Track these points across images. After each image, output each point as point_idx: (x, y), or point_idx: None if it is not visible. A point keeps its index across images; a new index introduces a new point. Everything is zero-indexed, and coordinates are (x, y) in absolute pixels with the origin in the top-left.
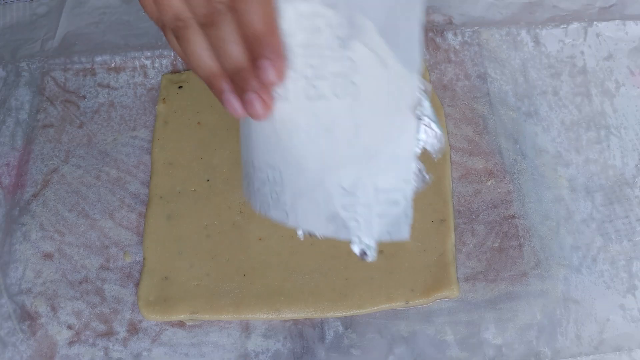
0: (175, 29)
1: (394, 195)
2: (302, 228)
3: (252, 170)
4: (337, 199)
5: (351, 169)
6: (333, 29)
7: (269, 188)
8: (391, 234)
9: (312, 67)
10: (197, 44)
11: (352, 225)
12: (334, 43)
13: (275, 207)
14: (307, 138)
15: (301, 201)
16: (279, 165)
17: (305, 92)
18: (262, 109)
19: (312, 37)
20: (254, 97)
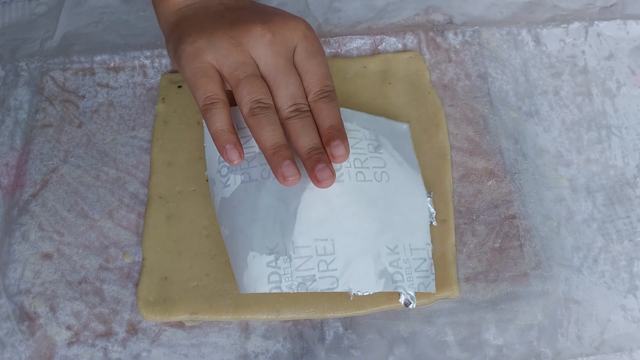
0: (256, 109)
1: (422, 254)
2: (354, 289)
3: (291, 251)
4: (385, 258)
5: (392, 232)
6: (368, 140)
7: (316, 260)
8: (425, 286)
9: (359, 161)
10: (272, 123)
11: (398, 279)
12: (370, 148)
13: (322, 277)
14: (359, 210)
15: (354, 264)
16: (331, 236)
17: (356, 177)
18: (330, 176)
19: (357, 142)
20: (324, 167)
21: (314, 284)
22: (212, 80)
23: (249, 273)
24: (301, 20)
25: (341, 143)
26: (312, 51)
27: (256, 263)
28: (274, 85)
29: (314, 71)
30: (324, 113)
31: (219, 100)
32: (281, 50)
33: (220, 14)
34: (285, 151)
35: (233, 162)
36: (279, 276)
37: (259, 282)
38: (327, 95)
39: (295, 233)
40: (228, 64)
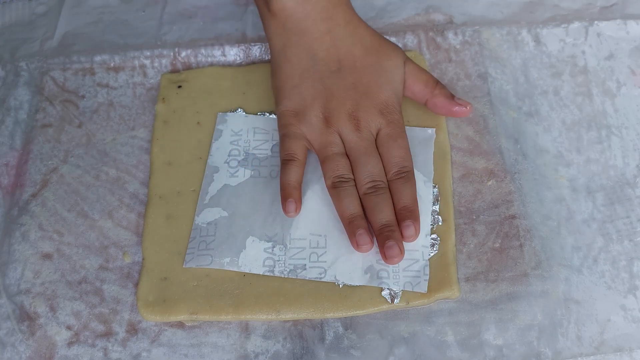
0: (338, 182)
1: (415, 255)
2: (341, 280)
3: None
4: (372, 255)
5: None
6: None
7: (309, 252)
8: (413, 286)
9: None
10: (351, 196)
11: (383, 275)
12: None
13: (312, 267)
14: None
15: (342, 258)
16: (325, 232)
17: None
18: (398, 255)
19: None
20: (394, 244)
21: (303, 272)
22: (299, 144)
23: (246, 254)
24: (391, 102)
25: (412, 224)
26: (393, 135)
27: (254, 247)
28: (356, 163)
29: (394, 153)
30: (400, 193)
31: (297, 160)
32: (365, 134)
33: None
34: (360, 221)
35: (289, 214)
36: (274, 262)
37: (255, 264)
38: (404, 176)
39: (293, 227)
40: (318, 141)
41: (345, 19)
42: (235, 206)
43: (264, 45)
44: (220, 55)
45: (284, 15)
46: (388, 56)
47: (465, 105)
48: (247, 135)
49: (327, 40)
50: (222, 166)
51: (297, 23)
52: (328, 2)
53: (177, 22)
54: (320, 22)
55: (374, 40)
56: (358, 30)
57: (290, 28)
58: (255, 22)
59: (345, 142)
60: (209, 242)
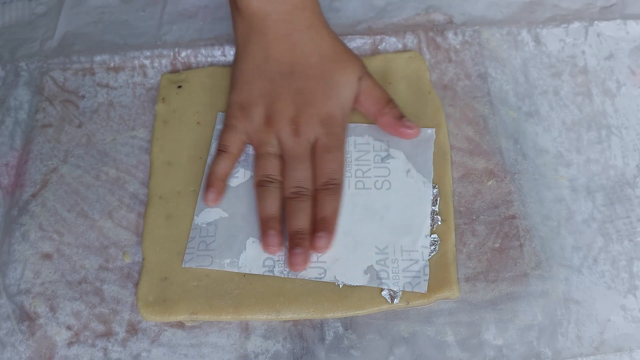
0: (264, 181)
1: (415, 256)
2: (341, 280)
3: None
4: (373, 256)
5: (384, 235)
6: (375, 152)
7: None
8: (412, 286)
9: (361, 171)
10: (273, 197)
11: (383, 276)
12: (376, 159)
13: (312, 267)
14: (354, 213)
15: (342, 259)
16: None
17: (355, 185)
18: (302, 264)
19: (363, 155)
20: (301, 252)
21: (303, 272)
22: (236, 137)
23: (246, 255)
24: (334, 115)
25: (324, 236)
26: (329, 147)
27: (255, 247)
28: (286, 167)
29: (326, 165)
30: (322, 204)
31: (229, 152)
32: (302, 141)
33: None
34: (274, 223)
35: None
36: (273, 262)
37: (254, 265)
38: (331, 188)
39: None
40: (256, 138)
41: (307, 24)
42: (236, 207)
43: None
44: (220, 55)
45: (248, 13)
46: (343, 69)
47: (412, 127)
48: None
49: (284, 43)
50: None
51: (259, 21)
52: (292, 4)
53: (177, 22)
54: (281, 24)
55: (333, 50)
56: (319, 37)
57: (253, 25)
58: None
59: (282, 145)
60: (209, 243)
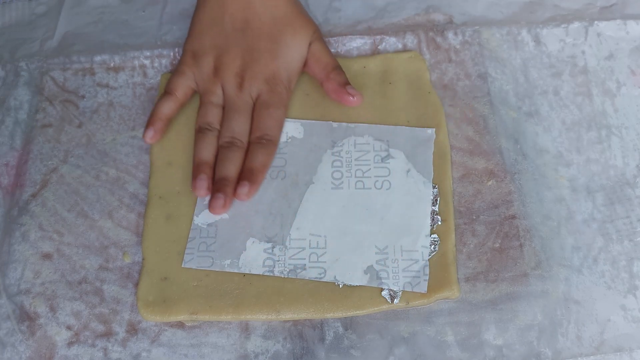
0: (203, 129)
1: (415, 255)
2: (340, 280)
3: (287, 242)
4: (373, 256)
5: (384, 235)
6: (375, 152)
7: (309, 252)
8: (412, 286)
9: (361, 171)
10: (208, 143)
11: (383, 276)
12: (376, 159)
13: (312, 267)
14: (354, 213)
15: (342, 259)
16: (324, 232)
17: (355, 185)
18: (220, 207)
19: (363, 155)
20: (221, 197)
21: (303, 272)
22: (183, 83)
23: (246, 255)
24: (279, 75)
25: (247, 185)
26: (269, 104)
27: (255, 248)
28: (225, 117)
29: (262, 120)
30: (252, 155)
31: (174, 95)
32: (244, 96)
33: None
34: (205, 168)
35: (146, 140)
36: (273, 262)
37: (254, 265)
38: (263, 143)
39: (293, 227)
40: (203, 86)
41: None
42: (236, 208)
43: None
44: None
45: None
46: (294, 32)
47: (354, 94)
48: None
49: (241, 0)
50: None
51: None
52: None
53: (177, 22)
54: None
55: (287, 12)
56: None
57: None
58: None
59: (225, 96)
60: (209, 244)
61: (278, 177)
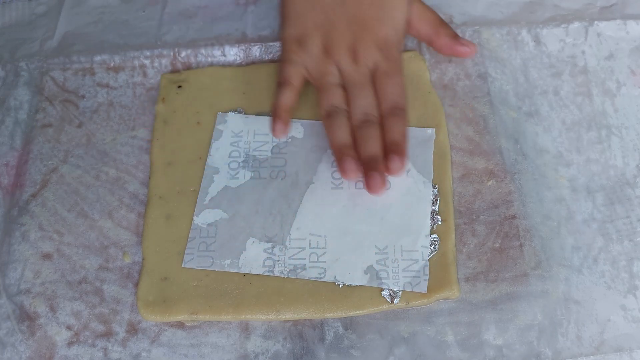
0: (331, 112)
1: (415, 255)
2: (341, 280)
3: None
4: (373, 256)
5: (384, 235)
6: None
7: (308, 252)
8: (412, 286)
9: None
10: (343, 125)
11: (383, 276)
12: None
13: (312, 267)
14: (354, 213)
15: (342, 259)
16: (324, 232)
17: (355, 185)
18: (381, 185)
19: None
20: (378, 175)
21: (303, 272)
22: (296, 70)
23: (246, 255)
24: (390, 39)
25: (397, 158)
26: (390, 72)
27: (255, 248)
28: (350, 96)
29: (389, 90)
30: (390, 129)
31: (292, 84)
32: (362, 68)
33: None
34: (349, 150)
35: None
36: (273, 262)
37: (254, 264)
38: (397, 113)
39: (293, 227)
40: (316, 70)
41: None
42: (236, 208)
43: (264, 45)
44: (220, 55)
45: None
46: None
47: (468, 45)
48: (247, 136)
49: None
50: (222, 167)
51: None
52: None
53: (177, 22)
54: None
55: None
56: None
57: None
58: (255, 22)
59: (343, 74)
60: (209, 244)
61: (278, 177)
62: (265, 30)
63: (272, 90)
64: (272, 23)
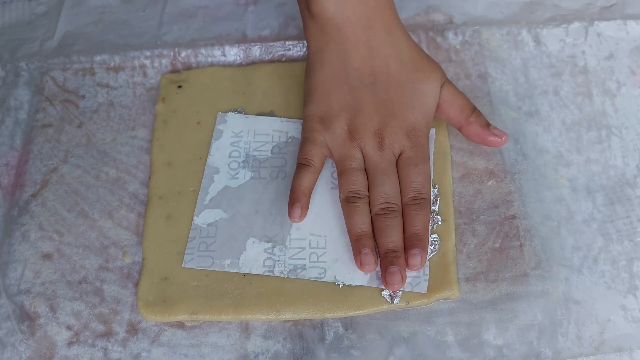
0: (351, 197)
1: None
2: (341, 280)
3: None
4: None
5: None
6: None
7: (309, 252)
8: (412, 286)
9: None
10: (362, 213)
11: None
12: None
13: (312, 267)
14: None
15: (342, 259)
16: (324, 232)
17: None
18: (399, 282)
19: None
20: (397, 271)
21: (303, 272)
22: (318, 151)
23: (246, 255)
24: (419, 126)
25: (419, 253)
26: (415, 160)
27: (255, 248)
28: (373, 182)
29: (413, 179)
30: (412, 219)
31: (313, 166)
32: (387, 154)
33: (353, 84)
34: (367, 240)
35: (293, 219)
36: (273, 262)
37: (254, 265)
38: (420, 202)
39: (293, 227)
40: (339, 152)
41: (386, 29)
42: (236, 208)
43: (264, 45)
44: (220, 55)
45: (323, 19)
46: (425, 77)
47: (500, 136)
48: (247, 136)
49: (363, 50)
50: (222, 167)
51: (335, 28)
52: (369, 8)
53: (177, 22)
54: (359, 30)
55: (414, 56)
56: (398, 42)
57: (328, 32)
58: (255, 22)
59: (366, 159)
60: (209, 244)
61: (278, 177)
62: (265, 30)
63: (272, 90)
64: (272, 23)
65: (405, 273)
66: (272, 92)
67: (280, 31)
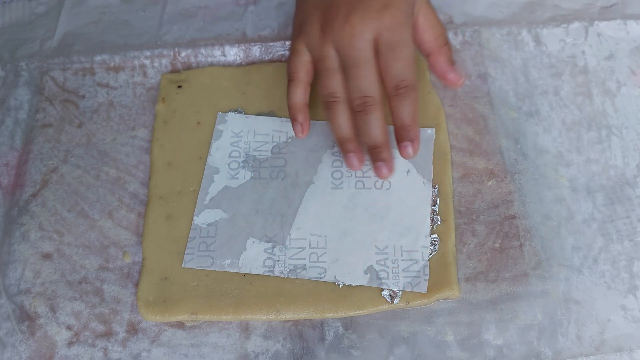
0: (329, 102)
1: (415, 256)
2: (341, 280)
3: (287, 242)
4: (373, 256)
5: (384, 235)
6: None
7: (309, 252)
8: (412, 286)
9: (361, 171)
10: (341, 115)
11: (383, 276)
12: None
13: (312, 267)
14: (354, 213)
15: (342, 259)
16: (324, 232)
17: (355, 185)
18: (387, 173)
19: None
20: (383, 165)
21: (303, 272)
22: (298, 61)
23: (246, 255)
24: (387, 9)
25: (409, 145)
26: (393, 43)
27: (255, 248)
28: (348, 78)
29: (392, 65)
30: (397, 111)
31: (296, 79)
32: (360, 43)
33: None
34: (349, 144)
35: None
36: (273, 262)
37: (254, 265)
38: (402, 93)
39: (293, 227)
40: (315, 54)
41: None
42: (236, 208)
43: (264, 45)
44: (220, 55)
45: None
46: None
47: (460, 76)
48: (247, 136)
49: None
50: (222, 167)
51: None
52: None
53: (177, 22)
54: None
55: None
56: None
57: None
58: (255, 22)
59: (339, 54)
60: (209, 244)
61: (278, 177)
62: (265, 30)
63: (272, 90)
64: (272, 23)
65: (392, 163)
66: (272, 92)
67: (280, 31)
